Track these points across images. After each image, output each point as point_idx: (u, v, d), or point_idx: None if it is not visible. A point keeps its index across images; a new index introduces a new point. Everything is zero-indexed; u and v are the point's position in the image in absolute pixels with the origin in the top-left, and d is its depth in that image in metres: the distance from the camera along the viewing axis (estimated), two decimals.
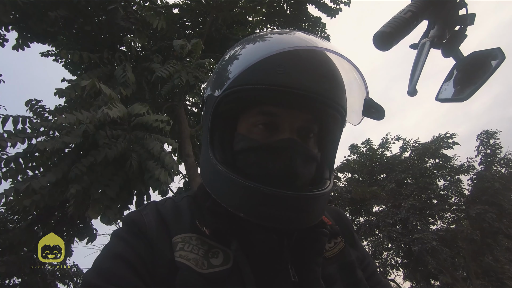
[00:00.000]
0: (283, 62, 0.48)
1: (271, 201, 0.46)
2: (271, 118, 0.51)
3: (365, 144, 14.36)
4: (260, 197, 0.47)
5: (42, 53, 4.91)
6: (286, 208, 0.47)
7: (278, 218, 0.47)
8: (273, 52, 0.46)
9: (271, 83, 0.48)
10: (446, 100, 0.48)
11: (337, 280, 0.54)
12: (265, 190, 0.46)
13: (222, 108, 0.53)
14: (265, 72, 0.48)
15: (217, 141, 0.54)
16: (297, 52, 0.50)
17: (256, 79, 0.49)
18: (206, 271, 0.47)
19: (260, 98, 0.50)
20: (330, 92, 0.51)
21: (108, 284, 0.43)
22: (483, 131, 13.21)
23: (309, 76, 0.49)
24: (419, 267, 11.65)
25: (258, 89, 0.49)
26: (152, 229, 0.51)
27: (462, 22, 0.49)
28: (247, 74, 0.49)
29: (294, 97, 0.48)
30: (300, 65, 0.49)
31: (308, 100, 0.49)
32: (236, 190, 0.49)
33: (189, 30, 5.43)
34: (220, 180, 0.51)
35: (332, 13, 5.33)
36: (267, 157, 0.50)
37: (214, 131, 0.54)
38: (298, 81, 0.48)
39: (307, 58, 0.50)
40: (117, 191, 2.70)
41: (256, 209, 0.47)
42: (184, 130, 4.36)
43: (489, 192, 11.29)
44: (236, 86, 0.49)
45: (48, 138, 2.87)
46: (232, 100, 0.51)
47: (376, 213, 12.76)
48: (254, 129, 0.52)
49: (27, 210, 3.23)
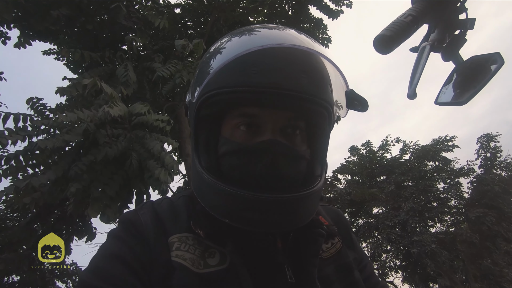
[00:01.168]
0: (257, 61, 0.47)
1: (255, 206, 0.45)
2: (252, 119, 0.50)
3: (365, 146, 14.37)
4: (244, 202, 0.46)
5: (43, 51, 4.92)
6: (272, 211, 0.46)
7: (264, 222, 0.46)
8: (239, 55, 0.45)
9: (246, 84, 0.47)
10: (446, 103, 0.49)
11: (334, 281, 0.54)
12: (247, 195, 0.45)
13: (203, 112, 0.52)
14: (239, 73, 0.47)
15: (202, 146, 0.53)
16: (273, 50, 0.48)
17: (231, 81, 0.47)
18: (203, 271, 0.47)
19: (238, 100, 0.49)
20: (308, 87, 0.48)
21: (104, 283, 0.43)
22: (483, 134, 13.23)
23: (285, 74, 0.47)
24: (418, 270, 11.64)
25: (234, 92, 0.48)
26: (149, 228, 0.50)
27: (462, 27, 0.49)
28: (221, 76, 0.48)
29: (271, 96, 0.47)
30: (275, 63, 0.47)
31: (286, 98, 0.47)
32: (219, 196, 0.48)
33: (191, 30, 5.44)
34: (205, 187, 0.51)
35: (333, 15, 5.33)
36: (249, 160, 0.48)
37: (199, 136, 0.53)
38: (273, 80, 0.46)
39: (282, 56, 0.48)
40: (117, 190, 2.70)
41: (241, 214, 0.47)
42: (184, 129, 4.37)
43: (489, 195, 11.29)
44: (212, 90, 0.48)
45: (49, 136, 2.88)
46: (212, 104, 0.50)
47: (375, 215, 12.76)
48: (236, 131, 0.51)
49: (27, 208, 3.24)
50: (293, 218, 0.49)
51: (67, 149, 3.01)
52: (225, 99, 0.49)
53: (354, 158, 14.49)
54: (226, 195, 0.47)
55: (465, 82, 0.48)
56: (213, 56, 0.52)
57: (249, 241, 0.51)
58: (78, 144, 2.97)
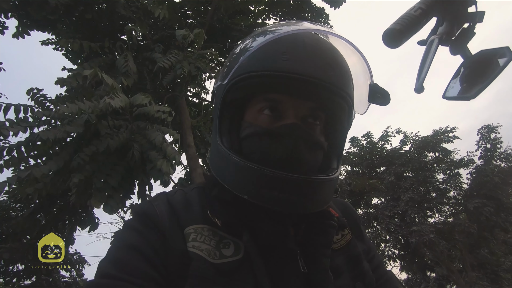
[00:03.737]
0: (287, 49, 0.49)
1: (274, 183, 0.47)
2: (276, 104, 0.52)
3: (365, 137, 14.36)
4: (263, 179, 0.47)
5: (42, 42, 4.85)
6: (289, 191, 0.47)
7: (280, 200, 0.47)
8: (275, 37, 0.48)
9: (275, 69, 0.48)
10: (453, 98, 0.48)
11: (343, 272, 0.55)
12: (268, 172, 0.47)
13: (230, 97, 0.54)
14: (270, 59, 0.49)
15: (225, 129, 0.55)
16: (302, 40, 0.51)
17: (261, 66, 0.50)
18: (218, 261, 0.48)
19: (265, 85, 0.51)
20: (334, 79, 0.50)
21: (122, 273, 0.44)
22: (484, 125, 13.18)
23: (313, 63, 0.49)
24: (416, 259, 11.83)
25: (262, 76, 0.49)
26: (164, 220, 0.51)
27: (471, 20, 0.49)
28: (252, 62, 0.50)
29: (298, 83, 0.48)
30: (304, 53, 0.50)
31: (312, 86, 0.48)
32: (240, 172, 0.50)
33: (191, 19, 5.35)
34: (226, 164, 0.53)
35: (335, 4, 5.24)
36: (271, 142, 0.50)
37: (223, 120, 0.55)
38: (302, 68, 0.48)
39: (311, 46, 0.51)
40: (119, 181, 2.72)
41: (259, 191, 0.48)
42: (185, 120, 4.35)
43: (488, 186, 11.35)
44: (242, 74, 0.51)
45: (50, 127, 2.88)
46: (239, 88, 0.52)
47: (375, 205, 12.87)
48: (260, 116, 0.52)
49: (30, 198, 3.26)
50: (309, 201, 0.50)
51: (69, 140, 3.02)
52: (254, 82, 0.51)
53: (355, 149, 14.49)
54: (248, 172, 0.49)
55: (473, 76, 0.47)
56: (246, 44, 0.54)
57: (264, 231, 0.52)
58: (79, 135, 2.97)
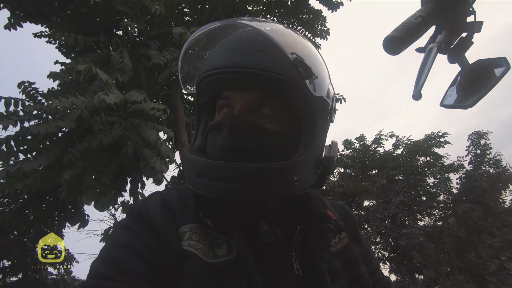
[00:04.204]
0: (221, 48, 0.53)
1: (204, 171, 0.49)
2: (226, 101, 0.54)
3: (358, 140, 14.48)
4: (196, 167, 0.51)
5: (35, 34, 4.75)
6: (216, 177, 0.48)
7: (209, 187, 0.48)
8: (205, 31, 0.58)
9: (212, 68, 0.52)
10: (450, 106, 0.49)
11: (340, 275, 0.55)
12: (198, 160, 0.51)
13: (200, 102, 0.59)
14: (210, 61, 0.54)
15: (200, 131, 0.60)
16: (236, 36, 0.55)
17: (205, 69, 0.54)
18: (212, 260, 0.48)
19: (215, 84, 0.54)
20: (267, 63, 0.49)
21: (116, 274, 0.44)
22: (475, 131, 13.43)
23: (245, 54, 0.50)
24: (405, 261, 11.98)
25: (206, 76, 0.53)
26: (158, 219, 0.51)
27: (469, 29, 0.49)
28: (202, 68, 0.56)
29: (234, 76, 0.50)
30: (235, 47, 0.52)
31: (246, 75, 0.49)
32: (188, 165, 0.54)
33: (188, 17, 5.32)
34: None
35: (333, 7, 5.27)
36: (214, 135, 0.54)
37: (200, 123, 0.61)
38: (234, 60, 0.50)
39: (242, 38, 0.53)
40: (111, 178, 2.69)
41: (195, 179, 0.50)
42: (180, 119, 4.32)
43: (477, 191, 11.56)
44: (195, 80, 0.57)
45: (41, 122, 2.83)
46: (199, 94, 0.58)
47: (366, 207, 12.99)
48: (219, 114, 0.57)
49: (19, 194, 3.20)
50: (241, 188, 0.47)
51: (60, 135, 2.97)
52: (205, 85, 0.55)
53: (348, 152, 14.61)
54: (190, 163, 0.53)
55: (470, 85, 0.48)
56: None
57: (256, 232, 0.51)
58: (71, 130, 2.92)
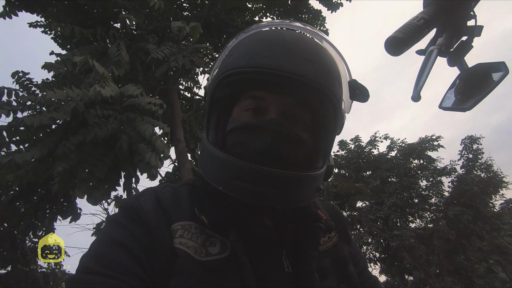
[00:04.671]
0: (268, 47, 0.51)
1: (246, 175, 0.47)
2: (259, 101, 0.52)
3: (354, 141, 14.58)
4: (236, 170, 0.48)
5: (30, 23, 4.66)
6: (260, 183, 0.47)
7: (252, 192, 0.47)
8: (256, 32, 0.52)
9: (257, 66, 0.49)
10: (449, 108, 0.50)
11: (329, 274, 0.56)
12: (240, 164, 0.48)
13: (217, 95, 0.55)
14: (251, 57, 0.51)
15: (212, 125, 0.57)
16: (283, 38, 0.52)
17: (243, 64, 0.51)
18: (204, 259, 0.47)
19: (248, 82, 0.52)
20: (315, 75, 0.49)
21: (106, 269, 0.43)
22: (468, 136, 13.62)
23: (293, 59, 0.49)
24: (396, 262, 12.13)
25: (243, 72, 0.50)
26: (151, 215, 0.51)
27: (469, 33, 0.50)
28: (237, 60, 0.52)
29: (277, 79, 0.49)
30: (285, 50, 0.50)
31: (290, 81, 0.48)
32: (217, 163, 0.51)
33: (187, 12, 5.28)
34: (207, 157, 0.54)
35: (333, 7, 5.27)
36: (249, 136, 0.51)
37: (211, 116, 0.57)
38: (282, 64, 0.48)
39: (291, 43, 0.52)
40: (105, 172, 2.66)
41: (232, 182, 0.48)
42: (176, 114, 4.29)
43: (468, 195, 11.74)
44: (225, 71, 0.52)
45: (35, 113, 2.78)
46: (225, 86, 0.53)
47: (359, 208, 13.11)
48: (244, 113, 0.54)
49: (10, 185, 3.15)
50: (282, 195, 0.49)
51: (54, 127, 2.93)
52: (237, 80, 0.52)
53: (343, 152, 14.71)
54: (223, 163, 0.50)
55: (469, 88, 0.49)
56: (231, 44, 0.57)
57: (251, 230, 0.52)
58: (65, 122, 2.88)
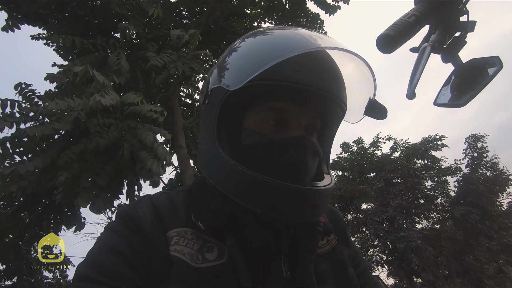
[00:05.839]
0: (300, 60, 0.49)
1: (286, 196, 0.47)
2: (282, 114, 0.51)
3: (356, 143, 14.52)
4: (276, 192, 0.47)
5: (32, 36, 4.74)
6: (300, 202, 0.48)
7: (292, 212, 0.48)
8: (297, 52, 0.45)
9: (288, 79, 0.48)
10: (444, 105, 0.49)
11: (328, 277, 0.55)
12: (280, 184, 0.46)
13: (233, 100, 0.51)
14: (283, 69, 0.48)
15: (224, 134, 0.53)
16: (312, 52, 0.51)
17: (273, 74, 0.48)
18: (201, 265, 0.47)
19: (274, 93, 0.50)
20: (337, 90, 0.53)
21: (102, 277, 0.43)
22: (472, 134, 13.52)
23: (322, 75, 0.51)
24: (403, 265, 11.96)
25: (275, 85, 0.48)
26: (147, 223, 0.50)
27: (462, 29, 0.49)
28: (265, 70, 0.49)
29: (308, 94, 0.50)
30: (314, 65, 0.51)
31: (320, 97, 0.51)
32: (252, 185, 0.49)
33: (186, 19, 5.33)
34: (232, 176, 0.50)
35: (330, 10, 5.30)
36: (278, 153, 0.50)
37: (221, 123, 0.53)
38: (313, 79, 0.50)
39: (320, 59, 0.53)
40: (107, 181, 2.67)
41: (273, 203, 0.48)
42: (177, 121, 4.31)
43: (474, 194, 11.61)
44: (256, 80, 0.47)
45: (38, 124, 2.81)
46: (244, 93, 0.50)
47: (364, 210, 12.99)
48: (264, 124, 0.51)
49: (14, 196, 3.17)
50: (315, 210, 0.51)
51: (56, 138, 2.95)
52: (264, 89, 0.50)
53: (346, 155, 14.64)
54: (261, 186, 0.48)
55: (463, 84, 0.48)
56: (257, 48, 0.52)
57: (249, 236, 0.52)
58: (67, 132, 2.91)
